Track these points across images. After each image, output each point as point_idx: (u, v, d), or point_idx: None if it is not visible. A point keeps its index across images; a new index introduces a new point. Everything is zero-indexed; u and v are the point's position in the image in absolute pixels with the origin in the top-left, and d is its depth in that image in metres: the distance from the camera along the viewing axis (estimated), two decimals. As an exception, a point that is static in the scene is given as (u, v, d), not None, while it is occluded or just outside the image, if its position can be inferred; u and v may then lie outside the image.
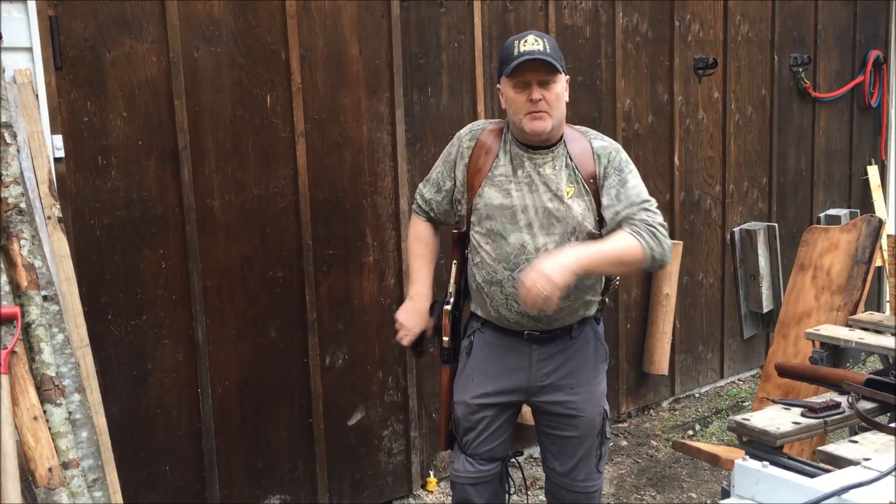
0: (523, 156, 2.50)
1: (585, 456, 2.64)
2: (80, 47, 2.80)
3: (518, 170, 2.50)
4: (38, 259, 2.41)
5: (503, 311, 2.53)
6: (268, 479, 3.34)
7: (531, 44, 2.40)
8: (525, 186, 2.48)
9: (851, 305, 3.64)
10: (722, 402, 4.93)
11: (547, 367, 2.57)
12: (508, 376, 2.59)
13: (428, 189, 2.69)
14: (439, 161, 2.67)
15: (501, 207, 2.48)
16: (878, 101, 5.87)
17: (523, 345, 2.57)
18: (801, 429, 2.42)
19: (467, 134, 2.61)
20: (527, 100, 2.41)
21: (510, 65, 2.38)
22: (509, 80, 2.42)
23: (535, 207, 2.46)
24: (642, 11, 4.46)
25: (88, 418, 2.45)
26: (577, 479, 2.65)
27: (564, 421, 2.62)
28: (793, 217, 5.44)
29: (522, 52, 2.39)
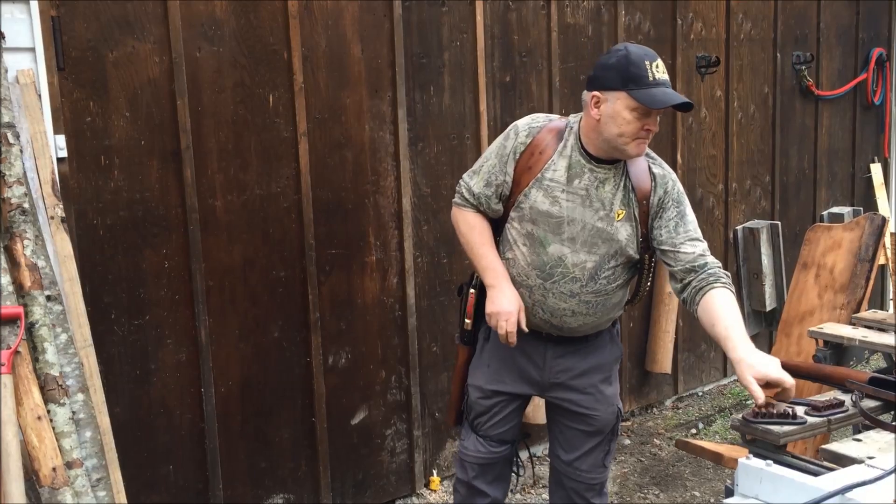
0: (585, 166, 2.40)
1: (592, 450, 2.65)
2: (82, 48, 2.80)
3: (575, 179, 2.40)
4: (41, 259, 2.41)
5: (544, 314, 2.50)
6: (270, 478, 3.35)
7: (663, 71, 2.30)
8: (577, 198, 2.39)
9: (855, 304, 3.63)
10: (725, 400, 4.93)
11: (560, 366, 2.57)
12: (523, 369, 2.60)
13: (476, 182, 2.51)
14: (492, 152, 2.51)
15: (547, 215, 2.40)
16: (881, 99, 5.86)
17: (539, 341, 2.56)
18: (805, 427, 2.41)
19: (525, 129, 2.46)
20: (642, 128, 2.30)
21: (649, 92, 2.25)
22: (635, 103, 2.27)
23: (582, 223, 2.39)
24: (644, 10, 4.45)
25: (92, 418, 2.45)
26: (580, 468, 2.67)
27: (576, 418, 2.62)
28: (795, 215, 5.43)
29: (659, 80, 2.27)
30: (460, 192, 2.57)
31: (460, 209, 2.58)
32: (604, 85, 2.32)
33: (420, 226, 3.67)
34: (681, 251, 2.41)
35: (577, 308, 2.47)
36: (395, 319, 3.64)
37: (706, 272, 2.39)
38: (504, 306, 2.42)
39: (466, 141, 3.78)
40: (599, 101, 2.33)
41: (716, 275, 2.38)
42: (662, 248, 2.44)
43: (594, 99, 2.34)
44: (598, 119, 2.33)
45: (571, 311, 2.47)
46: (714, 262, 2.42)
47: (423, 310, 3.72)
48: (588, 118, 2.38)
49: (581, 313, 2.48)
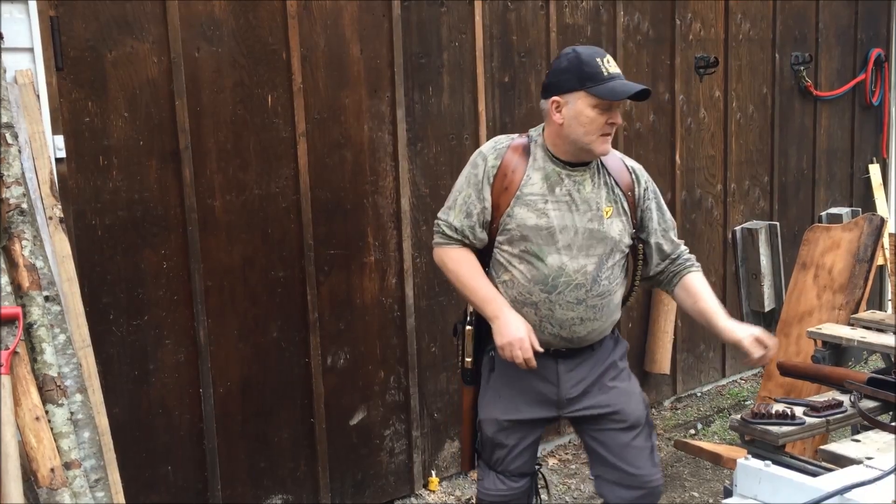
0: (561, 173, 2.42)
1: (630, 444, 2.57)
2: (81, 48, 2.80)
3: (556, 188, 2.41)
4: (39, 259, 2.41)
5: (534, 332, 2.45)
6: (269, 479, 3.35)
7: (614, 65, 2.36)
8: (564, 206, 2.40)
9: (853, 304, 3.63)
10: (724, 401, 4.93)
11: (574, 378, 2.52)
12: (538, 392, 2.52)
13: (455, 216, 2.47)
14: (461, 184, 2.49)
15: (537, 228, 2.39)
16: (880, 100, 5.86)
17: (548, 360, 2.49)
18: (804, 428, 2.41)
19: (491, 152, 2.47)
20: (606, 122, 2.34)
21: (605, 86, 2.30)
22: (594, 100, 2.32)
23: (574, 228, 2.40)
24: (643, 10, 4.46)
25: (90, 418, 2.45)
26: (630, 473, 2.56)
27: (606, 420, 2.56)
28: (794, 216, 5.44)
29: (612, 74, 2.33)
30: (440, 230, 2.50)
31: (443, 248, 2.51)
32: (561, 88, 2.38)
33: (419, 226, 3.67)
34: (663, 243, 2.57)
35: (585, 314, 2.45)
36: (394, 320, 3.64)
37: (682, 258, 2.61)
38: (514, 334, 2.37)
39: (465, 141, 3.78)
40: (560, 105, 2.38)
41: (691, 260, 2.61)
42: (651, 239, 2.55)
43: (554, 104, 2.39)
44: (562, 123, 2.38)
45: (580, 319, 2.45)
46: (686, 250, 2.63)
47: (422, 310, 3.72)
48: (551, 125, 2.42)
49: (589, 319, 2.47)
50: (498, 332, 2.39)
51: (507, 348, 2.38)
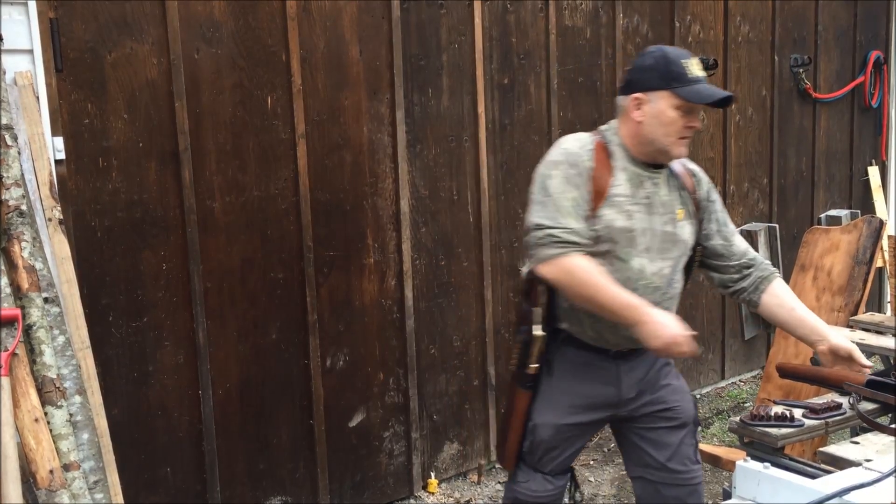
0: (642, 175, 2.36)
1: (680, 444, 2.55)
2: (80, 49, 2.80)
3: (638, 189, 2.35)
4: (38, 261, 2.41)
5: (606, 334, 2.39)
6: (269, 480, 3.34)
7: (701, 69, 2.31)
8: (644, 208, 2.35)
9: (852, 306, 3.64)
10: (723, 403, 4.93)
11: (633, 377, 2.49)
12: (597, 393, 2.47)
13: (572, 220, 2.28)
14: (559, 185, 2.31)
15: (623, 230, 2.32)
16: (879, 102, 5.86)
17: (608, 360, 2.45)
18: (803, 430, 2.42)
19: (584, 152, 2.35)
20: (685, 126, 2.29)
21: (691, 88, 2.26)
22: (678, 101, 2.27)
23: (652, 231, 2.36)
24: (642, 12, 4.46)
25: (89, 420, 2.45)
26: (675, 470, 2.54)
27: (658, 416, 2.54)
28: (793, 218, 5.44)
29: (699, 77, 2.28)
30: (558, 239, 2.27)
31: (565, 257, 2.26)
32: (645, 86, 2.30)
33: (418, 227, 3.67)
34: (734, 244, 2.53)
35: None
36: (394, 321, 3.64)
37: (763, 263, 2.54)
38: (673, 331, 2.23)
39: (465, 143, 3.79)
40: (641, 103, 2.31)
41: (771, 267, 2.55)
42: (712, 242, 2.50)
43: (635, 101, 2.32)
44: (641, 121, 2.32)
45: None
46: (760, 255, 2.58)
47: (422, 312, 3.72)
48: (628, 123, 2.36)
49: None
50: (653, 335, 2.24)
51: (671, 346, 2.24)
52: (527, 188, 3.98)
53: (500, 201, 3.95)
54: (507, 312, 4.02)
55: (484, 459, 4.02)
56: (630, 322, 2.26)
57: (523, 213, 4.01)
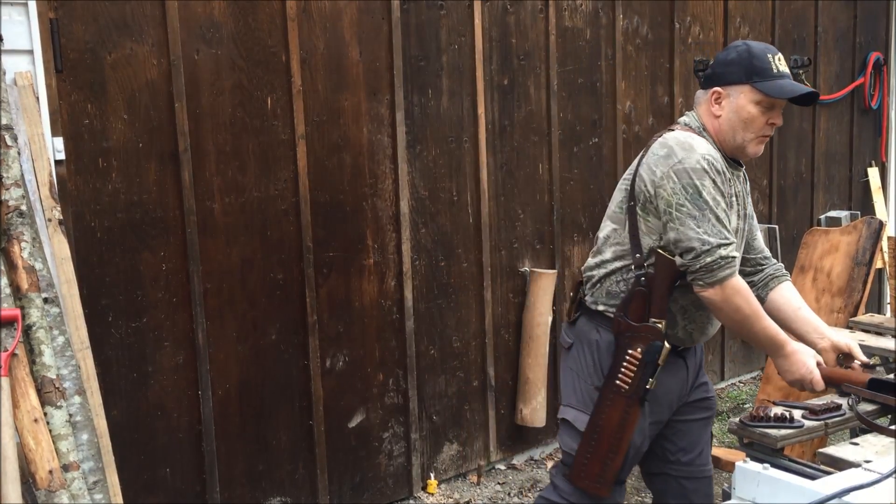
0: (735, 172, 2.34)
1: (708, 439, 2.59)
2: (80, 50, 2.80)
3: (731, 188, 2.31)
4: (38, 261, 2.41)
5: (695, 334, 2.39)
6: (268, 481, 3.34)
7: (785, 65, 2.28)
8: (738, 207, 2.35)
9: (852, 307, 3.64)
10: (722, 404, 4.93)
11: (696, 369, 2.52)
12: (674, 390, 2.45)
13: (729, 232, 2.22)
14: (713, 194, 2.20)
15: (736, 231, 2.30)
16: (879, 103, 5.86)
17: (678, 358, 2.42)
18: (802, 431, 2.42)
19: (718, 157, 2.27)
20: (766, 123, 2.27)
21: (774, 83, 2.21)
22: (759, 96, 2.23)
23: (740, 229, 2.37)
24: (642, 13, 4.46)
25: (89, 420, 2.45)
26: (701, 464, 2.55)
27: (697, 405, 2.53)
28: (793, 219, 5.44)
29: (783, 73, 2.25)
30: (728, 257, 2.18)
31: (731, 280, 2.19)
32: (726, 80, 2.28)
33: (418, 228, 3.68)
34: (757, 238, 2.53)
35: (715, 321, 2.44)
36: (393, 322, 3.64)
37: (778, 265, 2.54)
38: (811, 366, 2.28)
39: (464, 144, 3.79)
40: (721, 97, 2.29)
41: (784, 270, 2.55)
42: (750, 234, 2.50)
43: (714, 95, 2.30)
44: (720, 116, 2.29)
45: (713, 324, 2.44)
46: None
47: (421, 312, 3.72)
48: (709, 118, 2.33)
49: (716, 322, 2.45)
50: (793, 370, 2.28)
51: (804, 381, 2.28)
52: (527, 189, 4.01)
53: (500, 202, 3.95)
54: (506, 313, 4.02)
55: (483, 460, 4.01)
56: (775, 353, 2.29)
57: (523, 214, 4.02)
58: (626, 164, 4.46)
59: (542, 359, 4.00)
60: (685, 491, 2.54)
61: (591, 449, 2.36)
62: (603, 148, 4.29)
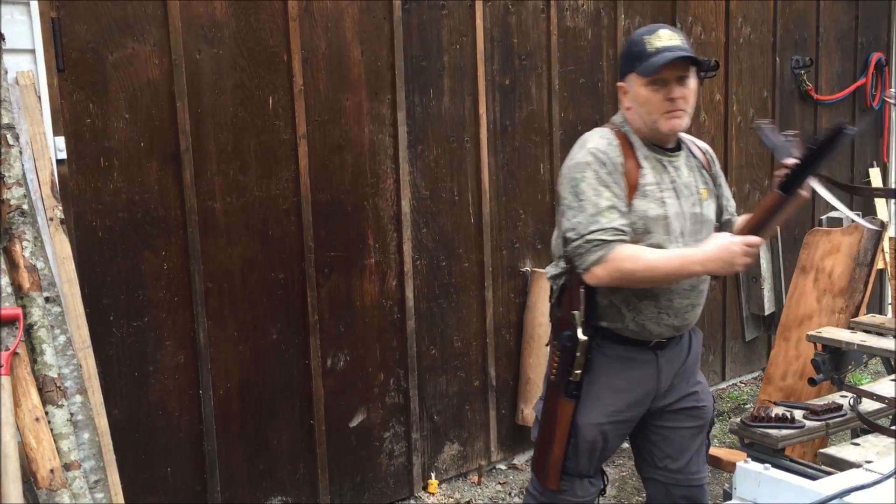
0: (662, 159, 2.37)
1: (700, 447, 2.56)
2: (82, 49, 2.80)
3: (662, 175, 2.35)
4: (39, 261, 2.41)
5: (649, 325, 2.38)
6: (269, 481, 3.34)
7: (666, 38, 2.28)
8: (672, 193, 2.35)
9: (853, 308, 3.63)
10: (723, 404, 4.93)
11: (672, 369, 2.49)
12: (638, 387, 2.44)
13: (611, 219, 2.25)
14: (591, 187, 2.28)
15: (658, 218, 2.31)
16: (880, 104, 5.86)
17: (648, 353, 2.43)
18: (803, 431, 2.42)
19: (610, 148, 2.33)
20: (664, 99, 2.28)
21: (647, 62, 2.24)
22: (644, 79, 2.28)
23: (683, 214, 2.36)
24: (644, 14, 4.46)
25: (90, 420, 2.45)
26: (692, 471, 2.54)
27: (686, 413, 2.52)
28: (794, 219, 5.43)
29: (659, 48, 2.26)
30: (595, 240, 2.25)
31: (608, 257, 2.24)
32: (622, 74, 2.38)
33: (419, 228, 3.68)
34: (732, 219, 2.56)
35: (696, 300, 2.43)
36: (394, 322, 3.64)
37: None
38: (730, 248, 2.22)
39: (466, 144, 3.79)
40: (624, 91, 2.37)
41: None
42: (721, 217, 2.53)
43: (621, 90, 2.38)
44: (629, 108, 2.36)
45: (692, 305, 2.42)
46: None
47: (422, 312, 3.72)
48: (626, 113, 2.39)
49: (698, 304, 2.45)
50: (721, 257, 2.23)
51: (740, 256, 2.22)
52: (528, 189, 4.01)
53: (501, 202, 3.95)
54: (507, 313, 4.02)
55: (484, 460, 4.01)
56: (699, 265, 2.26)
57: (524, 214, 4.02)
58: (628, 165, 4.46)
59: (543, 359, 4.00)
60: (673, 497, 2.55)
61: (537, 440, 2.51)
62: (604, 148, 4.29)
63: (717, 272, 2.28)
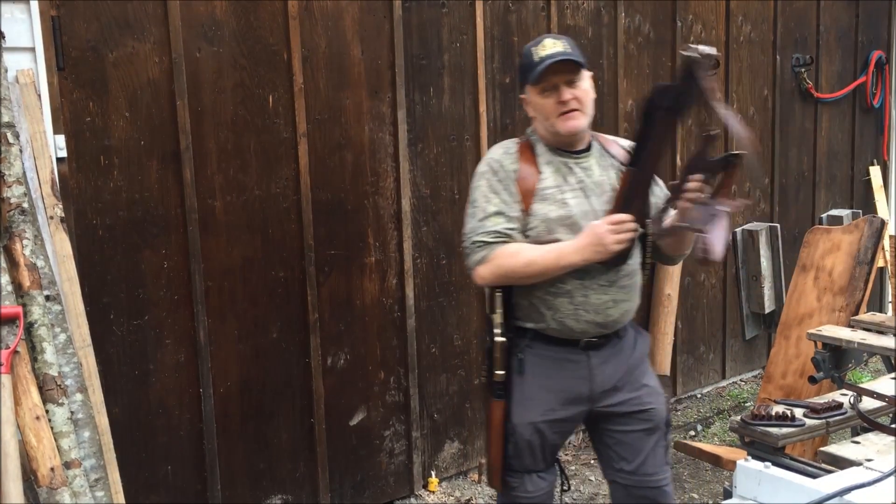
0: (568, 162, 2.44)
1: (654, 448, 2.56)
2: (82, 48, 2.80)
3: (567, 177, 2.42)
4: (40, 259, 2.41)
5: (569, 322, 2.41)
6: (269, 479, 3.35)
7: (550, 47, 2.37)
8: (580, 192, 2.41)
9: (853, 306, 3.63)
10: (724, 402, 4.93)
11: (607, 371, 2.50)
12: (570, 387, 2.48)
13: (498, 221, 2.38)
14: (482, 195, 2.42)
15: (561, 219, 2.38)
16: (881, 102, 5.86)
17: (579, 353, 2.46)
18: (803, 430, 2.42)
19: (505, 157, 2.46)
20: (556, 102, 2.37)
21: (533, 71, 2.35)
22: (535, 87, 2.39)
23: (593, 212, 2.40)
24: (644, 12, 4.46)
25: (90, 418, 2.45)
26: (647, 472, 2.55)
27: (633, 419, 2.54)
28: (794, 218, 5.44)
29: (543, 56, 2.36)
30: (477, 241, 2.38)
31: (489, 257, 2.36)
32: (520, 87, 2.50)
33: (419, 227, 3.68)
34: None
35: (617, 295, 2.44)
36: (395, 320, 3.64)
37: None
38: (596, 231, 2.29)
39: (466, 142, 3.79)
40: (525, 103, 2.49)
41: None
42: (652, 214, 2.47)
43: (524, 102, 2.50)
44: (534, 117, 2.48)
45: (613, 301, 2.44)
46: None
47: (423, 311, 3.72)
48: (534, 122, 2.51)
49: (621, 300, 2.46)
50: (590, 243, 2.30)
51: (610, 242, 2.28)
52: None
53: (502, 201, 3.94)
54: (507, 312, 4.02)
55: (485, 458, 4.01)
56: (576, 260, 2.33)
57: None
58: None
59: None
60: (634, 498, 2.58)
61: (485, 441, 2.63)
62: (604, 146, 4.29)
63: (594, 258, 2.32)
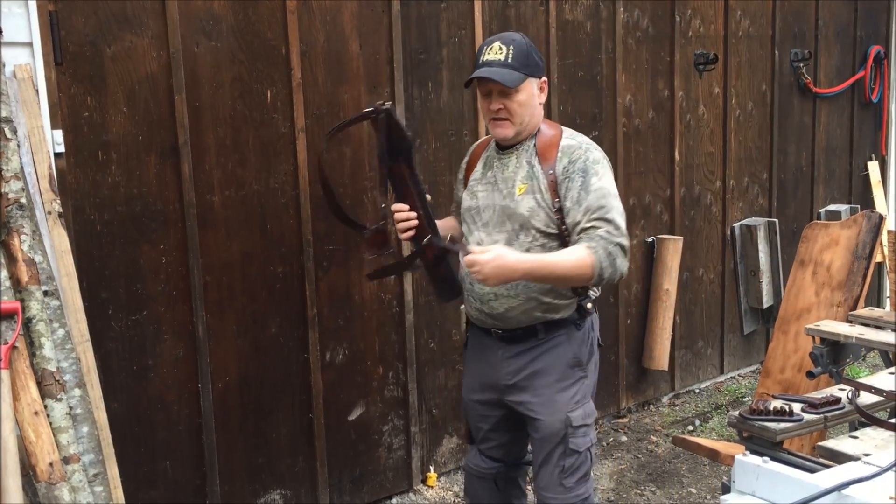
0: (494, 157, 2.59)
1: (545, 462, 2.53)
2: (80, 42, 2.80)
3: (488, 171, 2.59)
4: (38, 254, 2.41)
5: (468, 308, 2.63)
6: (268, 474, 3.35)
7: (495, 52, 2.41)
8: (490, 186, 2.56)
9: (852, 301, 3.63)
10: (722, 397, 4.94)
11: (511, 367, 2.54)
12: (483, 373, 2.64)
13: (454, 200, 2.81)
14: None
15: (469, 209, 2.60)
16: (879, 97, 5.86)
17: (494, 343, 2.59)
18: (801, 424, 2.42)
19: (468, 151, 2.75)
20: (488, 107, 2.47)
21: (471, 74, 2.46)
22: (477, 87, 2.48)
23: (493, 206, 2.53)
24: (643, 7, 4.45)
25: (89, 413, 2.45)
26: (539, 485, 2.58)
27: (531, 422, 2.56)
28: (793, 213, 5.44)
29: (484, 61, 2.42)
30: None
31: None
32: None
33: (418, 222, 3.67)
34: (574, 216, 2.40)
35: (498, 290, 2.48)
36: (393, 316, 3.64)
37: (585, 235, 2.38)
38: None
39: (465, 137, 3.78)
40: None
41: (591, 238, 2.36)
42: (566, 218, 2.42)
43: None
44: None
45: (494, 295, 2.50)
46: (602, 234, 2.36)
47: (421, 306, 3.72)
48: None
49: (503, 295, 2.48)
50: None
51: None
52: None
53: (500, 196, 3.94)
54: (506, 307, 4.02)
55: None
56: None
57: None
58: (626, 158, 4.47)
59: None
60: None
61: None
62: (603, 141, 4.28)
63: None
